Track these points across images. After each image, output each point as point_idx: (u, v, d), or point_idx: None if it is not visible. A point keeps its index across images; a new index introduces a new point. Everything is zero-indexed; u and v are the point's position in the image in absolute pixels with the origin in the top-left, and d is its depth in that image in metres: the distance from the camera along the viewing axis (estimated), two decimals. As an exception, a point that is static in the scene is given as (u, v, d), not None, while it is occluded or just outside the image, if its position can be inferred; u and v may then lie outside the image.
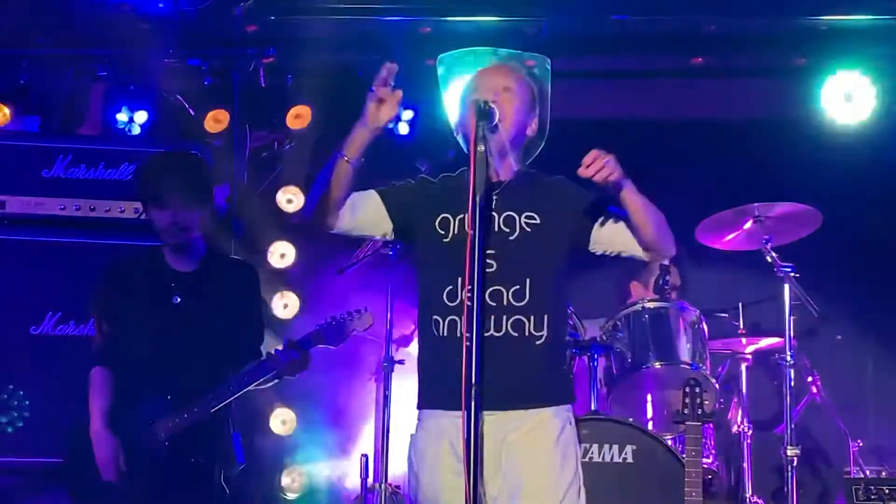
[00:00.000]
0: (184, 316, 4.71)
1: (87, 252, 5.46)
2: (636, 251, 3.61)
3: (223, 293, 4.81)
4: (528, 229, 3.47)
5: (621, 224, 3.57)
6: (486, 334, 3.24)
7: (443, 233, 3.54)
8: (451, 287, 3.43)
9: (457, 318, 3.41)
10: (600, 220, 3.60)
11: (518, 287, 3.40)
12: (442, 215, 3.52)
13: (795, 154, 6.38)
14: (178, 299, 4.72)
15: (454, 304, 3.43)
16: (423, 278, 3.66)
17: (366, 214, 3.65)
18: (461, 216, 3.43)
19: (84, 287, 5.22)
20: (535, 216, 3.47)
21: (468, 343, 3.11)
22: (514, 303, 3.41)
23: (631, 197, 3.45)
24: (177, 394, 4.58)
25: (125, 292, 4.81)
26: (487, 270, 3.30)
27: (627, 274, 6.39)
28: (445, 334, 3.47)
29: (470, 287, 3.14)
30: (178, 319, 4.70)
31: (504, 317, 3.38)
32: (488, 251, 3.32)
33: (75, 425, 4.65)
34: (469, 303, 3.20)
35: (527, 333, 3.41)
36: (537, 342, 3.42)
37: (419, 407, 3.63)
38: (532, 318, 3.41)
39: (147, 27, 6.33)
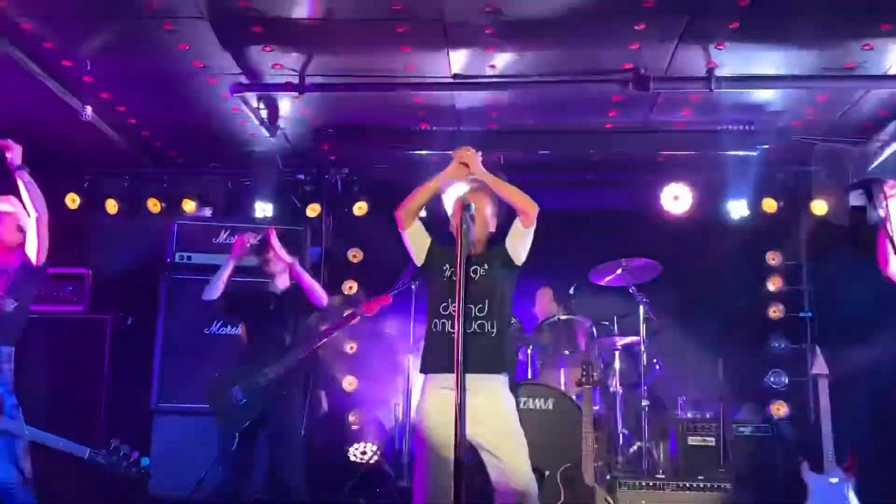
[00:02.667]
0: (275, 315, 5.29)
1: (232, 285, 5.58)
2: (517, 226, 3.99)
3: (294, 303, 5.33)
4: (484, 271, 3.94)
5: (511, 233, 4.00)
6: (466, 330, 3.53)
7: (443, 275, 3.98)
8: (444, 304, 3.89)
9: (445, 321, 3.87)
10: (506, 242, 4.02)
11: (480, 305, 3.87)
12: (444, 265, 3.97)
13: (647, 230, 6.81)
14: (272, 306, 5.30)
15: (445, 313, 3.88)
16: (430, 298, 4.04)
17: (419, 239, 4.10)
18: (453, 267, 3.83)
19: (229, 307, 5.54)
20: (487, 265, 3.94)
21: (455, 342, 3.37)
22: (478, 314, 3.86)
23: (492, 183, 3.95)
24: (277, 351, 5.14)
25: (246, 307, 5.44)
26: (465, 297, 3.50)
27: (538, 284, 6.77)
28: (439, 330, 3.91)
29: (455, 308, 3.42)
30: (273, 318, 5.27)
31: (473, 321, 3.84)
32: (468, 288, 3.67)
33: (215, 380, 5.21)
34: (454, 312, 3.66)
35: (486, 330, 3.87)
36: (491, 335, 3.86)
37: (421, 371, 3.98)
38: (488, 322, 3.87)
39: (273, 155, 6.84)
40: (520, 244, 4.01)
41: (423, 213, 5.68)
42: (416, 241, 4.12)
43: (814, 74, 5.41)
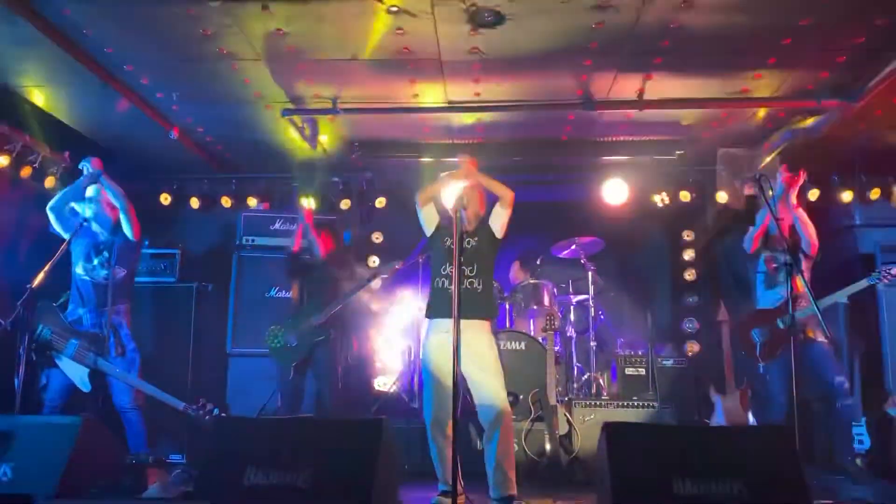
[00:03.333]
0: (318, 278, 5.35)
1: (288, 260, 5.71)
2: (498, 209, 3.98)
3: (333, 268, 5.39)
4: (475, 242, 3.93)
5: (493, 213, 3.99)
6: (460, 287, 3.57)
7: (444, 244, 3.97)
8: (443, 266, 3.90)
9: (444, 279, 3.88)
10: (489, 222, 4.02)
11: (471, 267, 3.87)
12: (445, 238, 3.96)
13: (594, 216, 6.68)
14: (315, 272, 5.33)
15: (444, 274, 3.89)
16: (433, 262, 4.06)
17: (431, 217, 4.05)
18: (451, 240, 3.74)
19: (282, 275, 5.87)
20: (477, 238, 3.94)
21: (452, 292, 3.44)
22: (469, 275, 3.85)
23: (483, 180, 3.95)
24: (320, 305, 5.18)
25: (299, 274, 5.48)
26: (459, 261, 3.59)
27: (512, 258, 6.61)
28: (440, 286, 3.91)
29: (453, 269, 3.53)
30: (317, 280, 5.35)
31: (465, 279, 3.80)
32: (462, 254, 3.71)
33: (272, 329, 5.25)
34: (452, 274, 3.65)
35: (474, 287, 3.87)
36: (478, 291, 3.87)
37: (426, 317, 4.00)
38: (476, 280, 3.87)
39: (315, 163, 6.71)
40: (500, 222, 4.00)
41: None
42: (429, 218, 4.09)
43: (718, 97, 5.39)
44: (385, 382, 6.79)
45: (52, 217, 4.62)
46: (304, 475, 2.89)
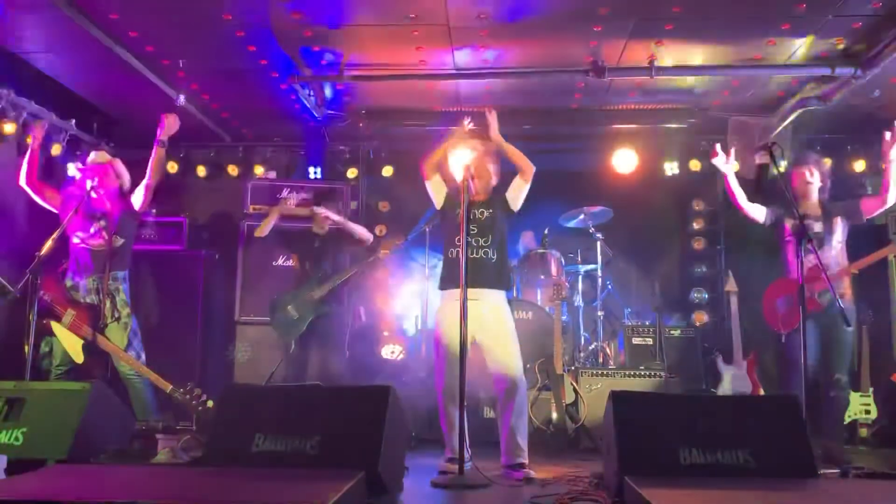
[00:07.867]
0: (320, 250, 5.31)
1: (294, 230, 5.76)
2: (518, 181, 3.95)
3: (332, 243, 5.34)
4: (488, 213, 3.91)
5: (511, 185, 3.98)
6: (473, 256, 3.75)
7: (456, 215, 3.88)
8: (457, 237, 3.85)
9: (459, 250, 3.81)
10: (506, 194, 4.01)
11: (485, 238, 3.85)
12: (457, 209, 3.87)
13: (602, 185, 6.69)
14: (318, 244, 5.33)
15: (459, 244, 3.83)
16: (444, 233, 4.05)
17: (439, 188, 4.04)
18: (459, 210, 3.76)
19: (287, 245, 5.82)
20: (490, 209, 3.93)
21: (461, 262, 3.57)
22: (483, 245, 3.85)
23: (501, 144, 3.91)
24: (321, 280, 5.15)
25: (297, 245, 5.47)
26: (472, 231, 3.77)
27: (523, 228, 6.66)
28: (453, 257, 3.90)
29: (461, 239, 3.65)
30: (318, 254, 5.31)
31: (479, 249, 3.83)
32: (473, 224, 3.82)
33: (274, 301, 5.27)
34: (461, 245, 3.70)
35: (488, 256, 3.87)
36: (492, 261, 3.87)
37: (439, 288, 4.01)
38: (490, 250, 3.86)
39: (322, 131, 6.75)
40: (518, 195, 3.98)
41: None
42: (437, 190, 4.08)
43: (730, 64, 5.33)
44: (392, 351, 6.77)
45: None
46: (312, 442, 2.93)
